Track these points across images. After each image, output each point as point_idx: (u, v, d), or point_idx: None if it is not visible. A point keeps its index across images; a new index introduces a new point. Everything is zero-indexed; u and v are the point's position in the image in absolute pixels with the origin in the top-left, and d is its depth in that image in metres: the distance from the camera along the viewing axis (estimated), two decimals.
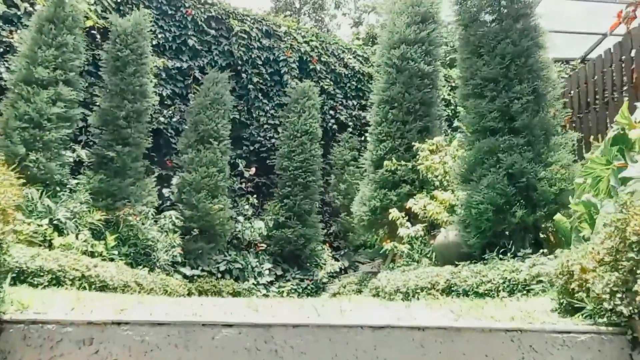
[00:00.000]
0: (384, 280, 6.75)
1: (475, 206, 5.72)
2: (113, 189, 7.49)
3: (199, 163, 8.76)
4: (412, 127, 8.13)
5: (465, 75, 6.36)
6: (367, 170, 8.53)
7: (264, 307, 3.61)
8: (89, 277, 5.86)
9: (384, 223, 8.14)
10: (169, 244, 8.10)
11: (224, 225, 8.66)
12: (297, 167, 10.08)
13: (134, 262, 7.54)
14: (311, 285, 9.67)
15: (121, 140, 7.77)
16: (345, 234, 11.19)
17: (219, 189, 8.84)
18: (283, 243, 9.74)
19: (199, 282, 8.20)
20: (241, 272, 9.02)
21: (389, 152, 8.06)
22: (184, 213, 8.50)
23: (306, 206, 9.99)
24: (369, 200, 7.97)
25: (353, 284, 8.27)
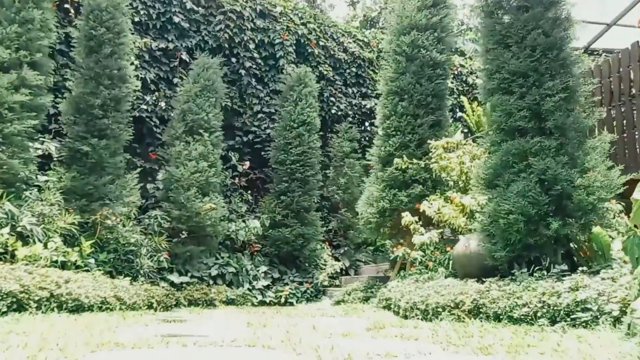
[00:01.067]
0: (396, 292, 6.03)
1: (504, 216, 5.00)
2: (88, 188, 6.65)
3: (188, 157, 7.92)
4: (423, 121, 7.35)
5: (489, 68, 5.61)
6: (374, 167, 7.75)
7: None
8: (59, 296, 5.06)
9: (394, 226, 7.41)
10: (154, 248, 7.30)
11: (216, 226, 7.86)
12: (294, 161, 9.27)
13: (114, 270, 6.75)
14: (311, 289, 8.94)
15: (97, 131, 6.90)
16: (346, 231, 10.46)
17: (210, 186, 8.02)
18: (280, 243, 8.98)
19: (188, 290, 7.42)
20: (235, 277, 8.26)
21: (398, 149, 7.28)
22: (170, 213, 7.68)
23: (305, 203, 9.22)
24: (377, 201, 7.21)
25: (359, 291, 7.55)
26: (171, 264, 7.59)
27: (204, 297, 7.44)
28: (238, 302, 7.87)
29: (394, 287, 6.38)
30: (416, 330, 4.54)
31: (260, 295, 8.29)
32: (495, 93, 5.53)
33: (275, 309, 7.72)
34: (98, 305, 5.50)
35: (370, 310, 6.43)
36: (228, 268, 8.20)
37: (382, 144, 7.44)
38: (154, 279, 7.06)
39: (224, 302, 7.75)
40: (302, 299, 8.72)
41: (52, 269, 5.46)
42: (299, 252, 9.10)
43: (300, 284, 8.93)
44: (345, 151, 10.79)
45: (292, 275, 9.02)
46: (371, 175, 7.84)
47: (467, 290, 4.92)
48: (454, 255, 5.83)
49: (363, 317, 5.72)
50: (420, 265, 6.47)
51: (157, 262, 7.21)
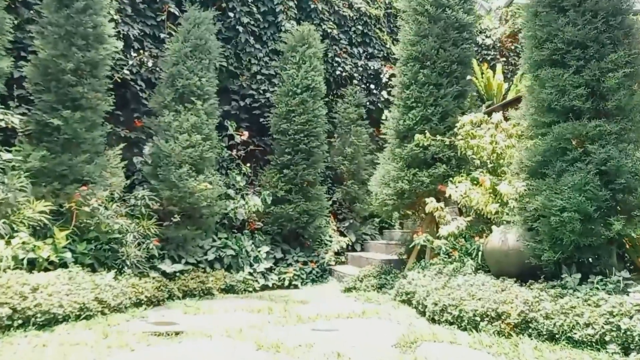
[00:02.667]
0: (419, 287, 5.33)
1: (556, 213, 4.22)
2: (61, 169, 5.75)
3: (179, 129, 6.98)
4: (447, 92, 6.42)
5: (539, 35, 4.72)
6: (389, 142, 6.87)
7: None
8: (24, 310, 4.27)
9: (414, 209, 6.63)
10: (142, 234, 6.49)
11: (212, 206, 7.03)
12: (297, 131, 8.36)
13: (97, 262, 5.98)
14: (316, 269, 8.24)
15: (70, 101, 5.93)
16: (351, 203, 9.68)
17: (205, 162, 7.14)
18: (283, 221, 8.19)
19: (182, 279, 6.67)
20: (234, 260, 7.51)
21: (419, 122, 6.39)
22: (160, 193, 6.82)
23: (309, 177, 8.38)
24: (394, 181, 6.37)
25: (371, 277, 6.83)
26: (162, 249, 6.80)
27: (200, 287, 6.70)
28: (238, 289, 7.16)
29: (414, 279, 5.68)
30: (458, 348, 3.83)
31: (262, 279, 7.58)
32: (544, 65, 4.69)
33: (279, 294, 7.03)
34: (76, 313, 4.74)
35: (388, 304, 5.75)
36: (226, 251, 7.44)
37: (401, 116, 6.54)
38: (143, 270, 6.28)
39: (222, 289, 7.03)
40: (307, 280, 8.04)
41: (16, 274, 4.64)
42: (304, 230, 8.35)
43: (305, 263, 8.23)
44: (351, 118, 9.86)
45: (295, 255, 8.29)
46: (386, 150, 6.97)
47: (511, 299, 4.20)
48: (486, 249, 5.08)
49: (384, 317, 5.04)
50: (445, 255, 5.73)
51: (145, 250, 6.41)
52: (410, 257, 6.51)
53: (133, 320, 5.01)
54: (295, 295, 6.97)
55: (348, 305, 5.85)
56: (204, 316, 5.30)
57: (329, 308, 5.64)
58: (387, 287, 6.50)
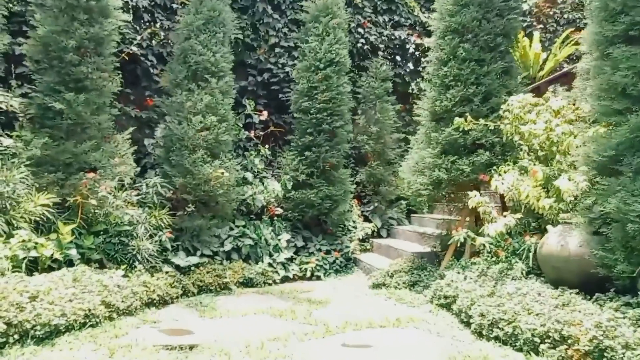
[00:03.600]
0: (461, 291, 4.78)
1: (635, 220, 3.58)
2: (65, 157, 5.24)
3: (192, 110, 6.39)
4: (491, 69, 5.69)
5: (611, 7, 3.97)
6: (423, 124, 6.19)
7: None
8: (22, 323, 3.80)
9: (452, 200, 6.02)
10: (154, 226, 6.00)
11: (229, 194, 6.49)
12: (320, 109, 7.71)
13: (105, 256, 5.52)
14: (340, 258, 7.72)
15: (73, 82, 5.38)
16: (377, 185, 9.06)
17: (221, 145, 6.56)
18: (304, 207, 7.64)
19: (197, 273, 6.19)
20: (253, 250, 7.01)
21: (459, 104, 5.69)
22: (173, 180, 6.29)
23: (333, 159, 7.76)
24: (430, 169, 5.74)
25: (403, 273, 6.28)
26: (176, 240, 6.32)
27: (216, 281, 6.23)
28: (257, 282, 6.67)
29: (453, 280, 5.12)
30: None
31: (282, 270, 7.09)
32: (617, 42, 3.94)
33: (301, 288, 6.54)
34: (80, 321, 4.27)
35: (424, 308, 5.21)
36: (244, 240, 6.93)
37: (437, 96, 5.85)
38: (155, 264, 5.81)
39: (240, 283, 6.56)
40: (330, 271, 7.53)
41: (14, 278, 4.20)
42: (326, 217, 7.79)
43: (328, 252, 7.70)
44: (377, 93, 9.15)
45: (318, 243, 7.77)
46: (419, 133, 6.30)
47: (579, 319, 3.60)
48: (541, 252, 4.46)
49: (422, 326, 4.51)
50: (489, 254, 5.14)
51: (158, 243, 5.93)
52: (447, 253, 5.92)
53: (143, 327, 4.55)
54: (319, 290, 6.47)
55: (379, 308, 5.33)
56: (221, 321, 4.81)
57: (358, 312, 5.12)
58: (420, 285, 5.95)
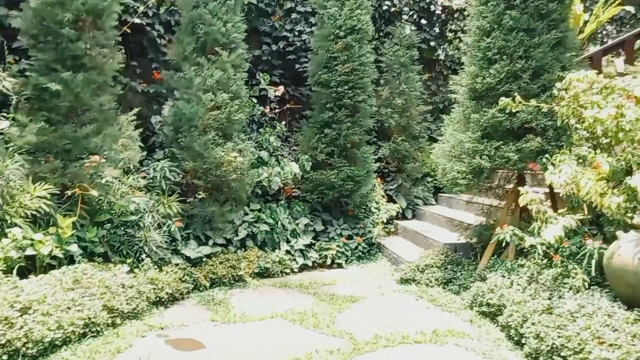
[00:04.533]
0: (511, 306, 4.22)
1: None
2: (63, 143, 4.69)
3: (202, 86, 5.77)
4: (542, 40, 4.94)
5: None
6: (461, 103, 5.51)
7: None
8: (12, 342, 3.36)
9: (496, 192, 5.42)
10: (162, 215, 5.49)
11: (243, 179, 5.93)
12: (341, 82, 7.02)
13: (110, 250, 5.04)
14: (363, 244, 7.19)
15: (70, 60, 4.76)
16: (401, 162, 8.44)
17: (233, 125, 5.96)
18: (324, 189, 7.07)
19: (209, 264, 5.71)
20: (269, 236, 6.50)
21: (504, 81, 4.99)
22: (182, 164, 5.74)
23: (355, 137, 7.13)
24: (470, 156, 5.10)
25: (435, 268, 5.74)
26: (186, 228, 5.82)
27: (230, 272, 5.76)
28: (274, 272, 6.20)
29: (498, 285, 4.58)
30: None
31: (300, 258, 6.60)
32: None
33: (322, 280, 6.08)
34: (79, 332, 3.83)
35: (462, 314, 4.69)
36: (259, 226, 6.42)
37: (478, 71, 5.14)
38: (163, 257, 5.33)
39: (256, 274, 6.10)
40: (352, 258, 7.03)
41: (5, 285, 3.74)
42: (348, 199, 7.23)
43: (350, 237, 7.18)
44: (401, 62, 8.41)
45: (338, 227, 7.24)
46: (455, 113, 5.62)
47: None
48: (612, 265, 3.80)
49: (464, 343, 3.98)
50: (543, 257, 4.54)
51: (166, 233, 5.43)
52: (486, 250, 5.34)
53: (150, 336, 4.09)
54: (341, 284, 5.98)
55: (411, 312, 4.82)
56: (234, 330, 4.33)
57: (389, 318, 4.61)
58: (455, 284, 5.42)
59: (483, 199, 6.10)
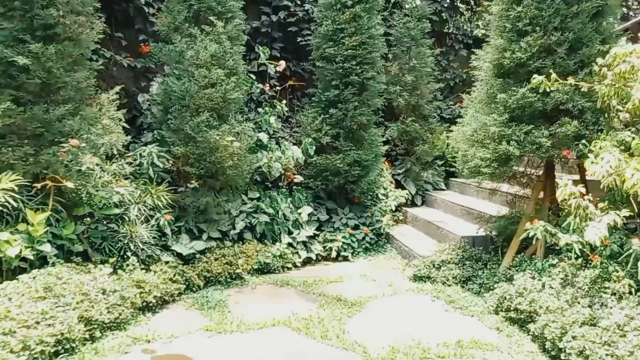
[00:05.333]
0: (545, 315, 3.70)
1: None
2: (34, 126, 4.09)
3: (195, 61, 5.14)
4: (581, 9, 4.31)
5: None
6: (485, 81, 4.88)
7: None
8: None
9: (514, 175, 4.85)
10: (149, 206, 4.93)
11: (240, 165, 5.35)
12: (348, 57, 6.38)
13: (91, 247, 4.49)
14: (370, 235, 6.65)
15: (41, 30, 4.14)
16: (410, 144, 7.85)
17: (229, 105, 5.34)
18: (328, 175, 6.50)
19: (204, 261, 5.17)
20: (269, 227, 5.96)
21: (536, 56, 4.37)
22: (172, 149, 5.15)
23: (362, 117, 6.52)
24: (495, 141, 4.51)
25: (452, 265, 5.21)
26: (177, 221, 5.26)
27: (226, 269, 5.23)
28: (275, 267, 5.68)
29: (527, 288, 4.08)
30: None
31: (303, 250, 6.07)
32: None
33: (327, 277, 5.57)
34: (50, 351, 3.29)
35: (488, 321, 4.18)
36: (259, 216, 5.86)
37: (507, 45, 4.51)
38: (151, 254, 4.79)
39: (255, 270, 5.57)
40: (358, 250, 6.50)
41: None
42: (354, 185, 6.65)
43: (356, 227, 6.64)
44: (412, 35, 7.74)
45: (344, 216, 6.69)
46: (477, 92, 5.01)
47: None
48: None
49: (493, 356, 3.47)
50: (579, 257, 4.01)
51: (155, 228, 4.88)
52: (511, 246, 4.80)
53: (133, 351, 3.57)
54: (348, 281, 5.46)
55: (428, 316, 4.31)
56: (230, 341, 3.81)
57: (404, 325, 4.09)
58: (475, 283, 4.90)
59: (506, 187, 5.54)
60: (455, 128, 5.28)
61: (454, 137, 5.22)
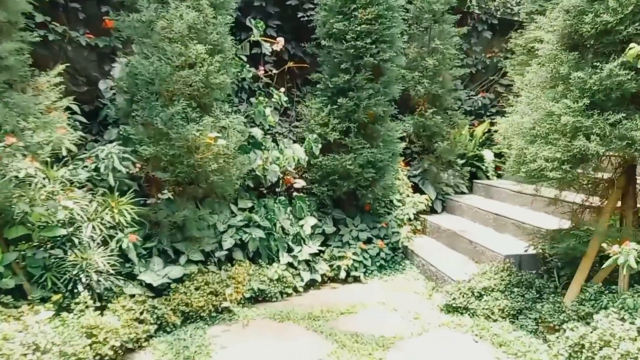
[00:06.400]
0: None
1: None
2: None
3: (167, 34, 3.95)
4: None
5: None
6: (547, 55, 3.71)
7: None
8: None
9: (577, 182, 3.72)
10: (109, 224, 3.76)
11: (227, 169, 4.18)
12: (361, 34, 5.20)
13: (29, 281, 3.35)
14: (386, 250, 5.51)
15: None
16: (430, 140, 6.70)
17: (214, 92, 4.16)
18: (336, 179, 5.34)
19: (181, 292, 4.00)
20: (264, 244, 4.80)
21: (627, 20, 3.22)
22: (139, 149, 3.96)
23: (378, 108, 5.37)
24: (568, 135, 3.36)
25: (497, 293, 4.08)
26: (147, 240, 4.08)
27: (211, 302, 4.08)
28: (271, 295, 4.56)
29: (616, 334, 3.02)
30: None
31: (307, 272, 4.93)
32: None
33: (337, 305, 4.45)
34: None
35: None
36: (252, 231, 4.70)
37: (587, 5, 3.35)
38: (110, 287, 3.62)
39: (248, 299, 4.42)
40: (372, 268, 5.36)
41: None
42: (367, 191, 5.50)
43: (368, 241, 5.49)
44: (434, 10, 6.56)
45: (354, 228, 5.54)
46: (534, 71, 3.86)
47: None
48: None
49: None
50: None
51: (117, 249, 3.71)
52: (579, 271, 3.66)
53: None
54: (363, 311, 4.35)
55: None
56: None
57: None
58: (530, 317, 3.80)
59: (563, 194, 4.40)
60: (502, 120, 4.14)
61: (501, 130, 4.08)
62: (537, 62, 3.89)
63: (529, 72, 3.92)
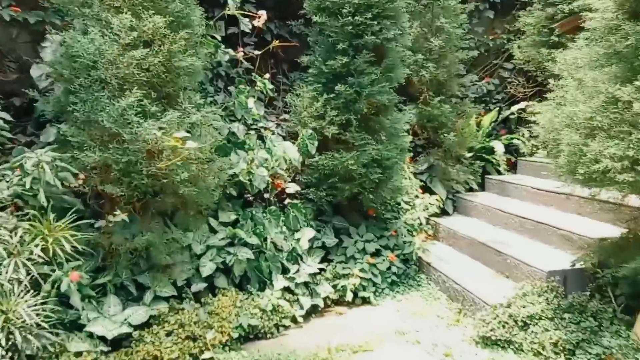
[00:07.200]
0: None
1: None
2: None
3: (112, 5, 2.98)
4: None
5: None
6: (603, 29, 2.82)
7: None
8: None
9: None
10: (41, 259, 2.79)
11: (202, 177, 3.24)
12: (360, 7, 4.27)
13: None
14: (397, 263, 4.62)
15: None
16: (436, 132, 5.83)
17: (178, 79, 3.21)
18: (337, 181, 4.42)
19: (146, 340, 3.06)
20: (252, 266, 3.89)
21: None
22: (79, 156, 2.98)
23: (383, 96, 4.46)
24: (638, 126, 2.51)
25: (546, 322, 3.24)
26: (98, 273, 3.13)
27: (187, 350, 3.14)
28: (265, 331, 3.65)
29: None
30: None
31: (307, 296, 4.03)
32: None
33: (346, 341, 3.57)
34: None
35: None
36: (236, 251, 3.78)
37: None
38: (45, 344, 2.67)
39: (236, 340, 3.48)
40: (382, 286, 4.49)
41: None
42: (373, 194, 4.59)
43: (377, 253, 4.60)
44: None
45: (359, 238, 4.64)
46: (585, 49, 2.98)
47: None
48: None
49: None
50: None
51: (53, 294, 2.75)
52: None
53: None
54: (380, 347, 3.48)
55: None
56: None
57: None
58: (590, 352, 2.99)
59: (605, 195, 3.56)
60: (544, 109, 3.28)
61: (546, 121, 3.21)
62: (586, 37, 3.04)
63: (572, 50, 3.04)
